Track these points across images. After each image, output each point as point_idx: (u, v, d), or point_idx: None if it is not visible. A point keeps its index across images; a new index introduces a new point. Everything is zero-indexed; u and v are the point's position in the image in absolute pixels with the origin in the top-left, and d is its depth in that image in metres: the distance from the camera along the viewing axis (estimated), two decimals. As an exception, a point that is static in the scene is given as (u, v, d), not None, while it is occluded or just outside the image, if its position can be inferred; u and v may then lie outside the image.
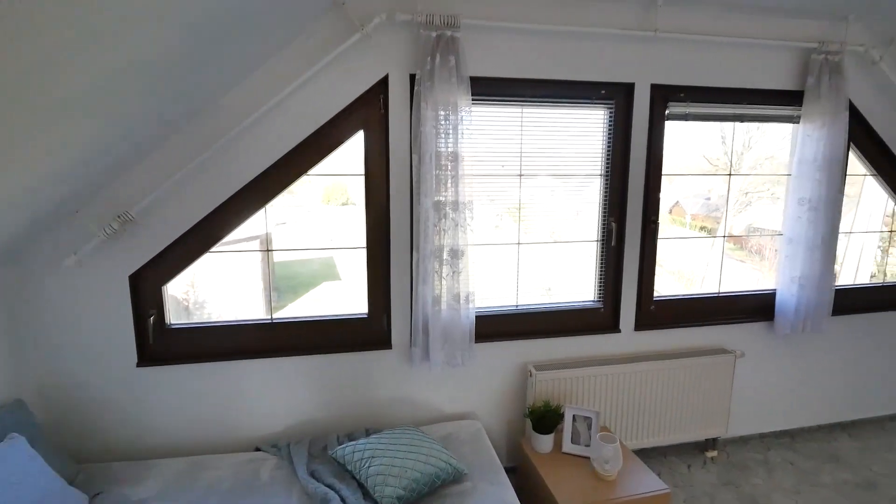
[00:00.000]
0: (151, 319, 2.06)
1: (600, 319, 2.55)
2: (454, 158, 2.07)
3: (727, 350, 2.62)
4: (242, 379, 2.18)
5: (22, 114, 1.17)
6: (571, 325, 2.51)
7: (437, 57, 2.00)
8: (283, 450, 2.04)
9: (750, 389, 2.77)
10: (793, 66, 2.51)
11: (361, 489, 1.78)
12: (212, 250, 2.12)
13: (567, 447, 2.19)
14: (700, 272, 3.30)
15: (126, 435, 2.12)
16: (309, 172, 2.16)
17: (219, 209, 2.04)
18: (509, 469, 2.42)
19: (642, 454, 2.61)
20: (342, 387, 2.28)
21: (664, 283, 2.93)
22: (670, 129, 2.49)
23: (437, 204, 2.08)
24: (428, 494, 1.77)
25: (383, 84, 2.10)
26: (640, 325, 2.56)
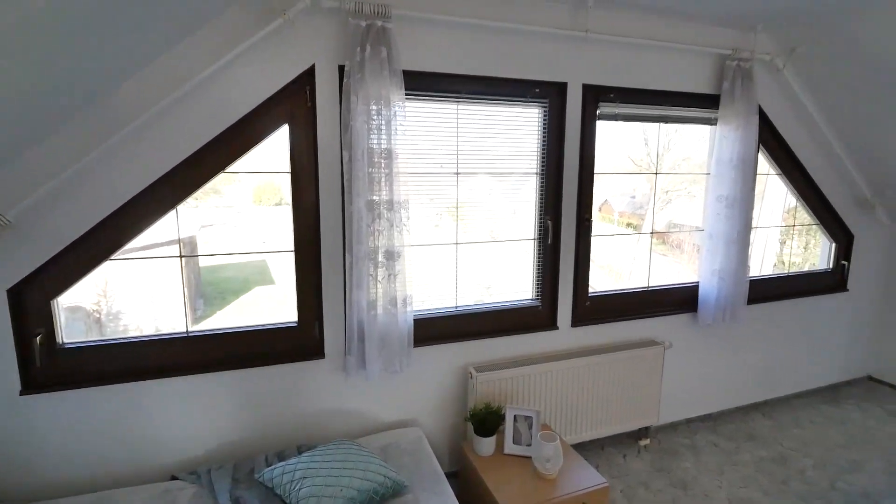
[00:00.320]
0: (38, 339, 1.78)
1: (538, 317, 2.57)
2: (388, 155, 1.97)
3: (657, 342, 2.74)
4: (155, 400, 1.95)
5: None
6: (511, 325, 2.50)
7: (368, 48, 1.89)
8: (203, 476, 1.85)
9: (677, 378, 2.91)
10: (710, 71, 2.65)
11: (293, 514, 1.64)
12: (115, 257, 1.87)
13: (509, 448, 2.17)
14: (628, 267, 3.45)
15: (15, 475, 1.82)
16: (228, 170, 1.97)
17: (119, 212, 1.80)
18: (453, 473, 2.37)
19: (581, 448, 2.66)
20: (271, 402, 2.11)
21: (596, 279, 3.02)
22: (600, 130, 2.54)
23: (371, 203, 1.97)
24: (366, 512, 1.67)
25: (309, 75, 1.96)
26: (577, 322, 2.61)
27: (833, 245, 3.40)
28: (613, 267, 3.54)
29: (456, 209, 2.35)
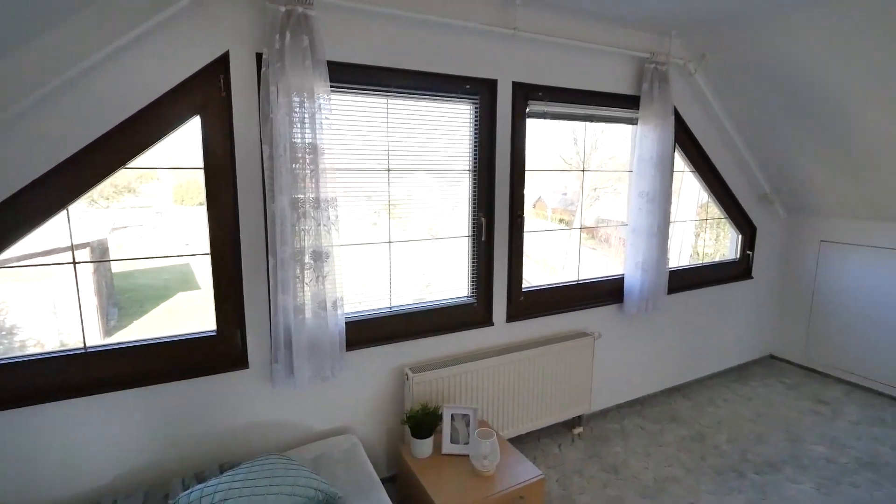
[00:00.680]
0: None
1: (474, 314, 2.57)
2: (313, 150, 1.86)
3: (587, 333, 2.84)
4: (54, 425, 1.71)
5: None
6: (447, 323, 2.48)
7: (288, 35, 1.77)
8: (108, 508, 1.65)
9: (607, 366, 3.04)
10: (631, 74, 2.78)
11: (213, 540, 1.50)
12: (-10, 266, 1.62)
13: (447, 448, 2.15)
14: (562, 261, 3.56)
15: None
16: (129, 165, 1.77)
17: (-7, 212, 1.56)
18: (391, 478, 2.31)
19: (519, 441, 2.70)
20: (189, 420, 1.93)
21: (532, 273, 3.09)
22: (532, 128, 2.58)
23: (296, 201, 1.86)
24: (296, 530, 1.57)
25: (223, 63, 1.80)
26: (512, 317, 2.64)
27: (739, 237, 3.71)
28: (548, 262, 3.64)
29: (388, 207, 2.29)
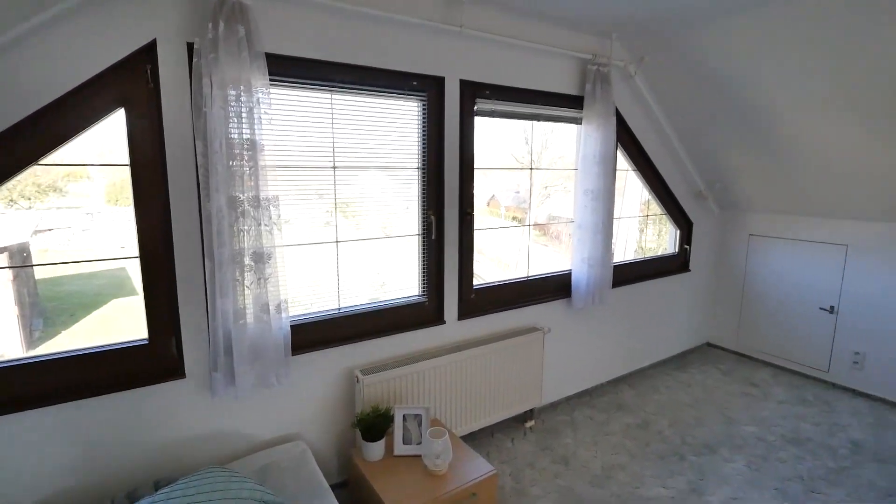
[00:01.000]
0: None
1: (425, 313, 2.55)
2: (252, 147, 1.78)
3: (537, 328, 2.89)
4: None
5: None
6: (398, 322, 2.45)
7: (222, 25, 1.67)
8: (25, 538, 1.51)
9: (557, 360, 3.12)
10: (575, 74, 2.86)
11: (146, 563, 1.40)
12: None
13: (399, 449, 2.12)
14: (515, 258, 3.62)
15: None
16: (44, 161, 1.62)
17: None
18: (343, 483, 2.26)
19: (472, 437, 2.71)
20: (119, 435, 1.79)
21: (487, 270, 3.11)
22: (484, 128, 2.60)
23: (234, 200, 1.77)
24: (239, 545, 1.49)
25: (149, 52, 1.68)
26: (463, 314, 2.64)
27: (678, 232, 3.91)
28: (503, 259, 3.69)
29: (335, 206, 2.23)
